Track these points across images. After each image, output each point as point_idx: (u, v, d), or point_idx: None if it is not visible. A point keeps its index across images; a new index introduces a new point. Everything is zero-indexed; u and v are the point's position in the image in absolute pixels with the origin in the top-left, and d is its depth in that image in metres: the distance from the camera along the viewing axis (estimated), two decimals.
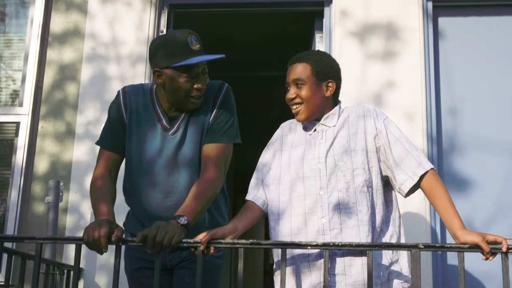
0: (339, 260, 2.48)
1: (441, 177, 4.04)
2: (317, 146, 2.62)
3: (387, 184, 2.66)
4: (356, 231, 2.50)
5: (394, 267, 2.56)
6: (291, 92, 2.68)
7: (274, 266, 2.68)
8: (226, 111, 2.76)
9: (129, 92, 2.83)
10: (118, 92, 2.86)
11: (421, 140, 4.04)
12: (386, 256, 2.55)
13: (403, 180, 2.56)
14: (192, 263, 2.62)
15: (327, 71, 2.69)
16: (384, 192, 2.63)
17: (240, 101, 2.81)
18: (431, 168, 2.57)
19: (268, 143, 2.83)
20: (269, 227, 2.67)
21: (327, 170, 2.57)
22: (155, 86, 2.79)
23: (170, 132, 2.73)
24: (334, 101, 2.74)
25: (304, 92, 2.65)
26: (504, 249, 2.31)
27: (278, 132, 2.82)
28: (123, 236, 2.45)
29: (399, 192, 2.61)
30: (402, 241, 2.61)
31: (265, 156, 2.78)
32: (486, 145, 4.18)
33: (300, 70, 2.67)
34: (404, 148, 2.59)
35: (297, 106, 2.67)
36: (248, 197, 2.74)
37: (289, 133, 2.77)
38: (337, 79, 2.73)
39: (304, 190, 2.57)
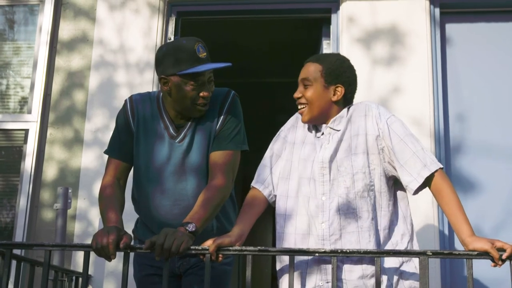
0: (338, 266, 2.45)
1: None
2: (322, 150, 2.59)
3: (397, 183, 2.60)
4: (356, 237, 2.48)
5: (406, 267, 2.51)
6: (298, 91, 2.65)
7: (278, 271, 2.67)
8: (233, 118, 2.76)
9: (136, 101, 2.84)
10: (125, 100, 2.87)
11: (428, 146, 4.03)
12: (396, 257, 2.51)
13: (408, 181, 2.51)
14: (201, 270, 2.63)
15: (338, 74, 2.62)
16: (394, 190, 2.59)
17: (248, 108, 2.81)
18: (439, 169, 2.50)
19: (279, 131, 2.79)
20: (275, 221, 2.66)
21: (331, 175, 2.54)
22: (161, 94, 2.80)
23: (177, 140, 2.73)
24: (344, 104, 2.66)
25: (309, 93, 2.61)
26: (504, 256, 2.29)
27: (290, 122, 2.78)
28: (132, 243, 2.46)
29: (406, 190, 2.57)
30: (414, 240, 2.57)
31: (275, 145, 2.75)
32: (494, 150, 4.17)
33: (310, 70, 2.64)
34: (409, 149, 2.52)
35: (302, 106, 2.64)
36: (255, 185, 2.71)
37: (302, 126, 2.72)
38: (348, 85, 2.64)
39: (309, 192, 2.56)
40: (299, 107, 2.66)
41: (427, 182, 2.51)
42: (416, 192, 2.53)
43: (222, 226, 2.77)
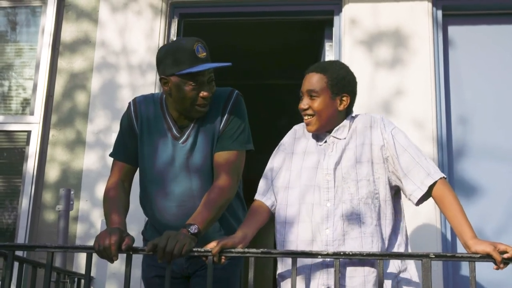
0: (340, 272, 2.43)
1: (451, 185, 4.05)
2: (327, 158, 2.61)
3: (397, 194, 2.65)
4: (359, 243, 2.49)
5: (403, 275, 2.55)
6: (304, 103, 2.64)
7: (279, 276, 2.66)
8: (236, 118, 2.74)
9: (140, 103, 2.84)
10: (129, 103, 2.87)
11: (431, 148, 4.03)
12: (394, 265, 2.53)
13: (412, 190, 2.54)
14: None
15: (343, 85, 2.64)
16: (394, 200, 2.62)
17: (250, 110, 2.80)
18: (441, 177, 2.54)
19: (279, 145, 2.80)
20: (275, 229, 2.66)
21: (335, 182, 2.56)
22: (165, 95, 2.80)
23: (180, 141, 2.72)
24: (346, 113, 2.70)
25: (317, 104, 2.61)
26: (505, 256, 2.30)
27: (290, 135, 2.80)
28: (141, 244, 2.45)
29: (409, 200, 2.60)
30: (409, 250, 2.61)
31: (275, 159, 2.77)
32: (496, 152, 4.17)
33: (315, 81, 2.63)
34: (412, 158, 2.56)
35: (309, 117, 2.64)
36: (258, 197, 2.73)
37: (302, 137, 2.75)
38: (352, 93, 2.69)
39: (313, 199, 2.57)
40: (306, 117, 2.66)
41: (430, 192, 2.55)
42: (419, 202, 2.57)
43: (231, 226, 2.74)
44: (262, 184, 2.76)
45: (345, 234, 2.50)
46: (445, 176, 2.57)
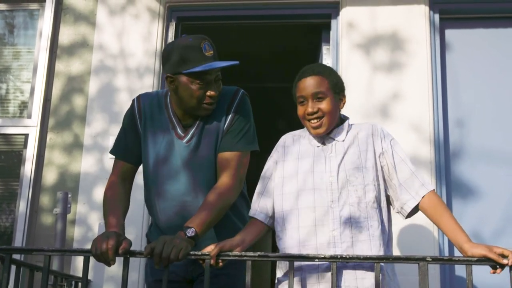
0: (350, 273, 2.47)
1: (448, 189, 4.08)
2: (328, 159, 2.62)
3: (387, 201, 2.68)
4: (368, 246, 2.51)
5: (391, 285, 2.57)
6: (312, 106, 2.62)
7: (278, 279, 2.67)
8: (241, 117, 2.72)
9: (144, 100, 2.80)
10: (133, 100, 2.84)
11: (428, 151, 4.04)
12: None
13: (406, 199, 2.59)
14: (214, 278, 2.52)
15: (341, 84, 2.72)
16: (387, 208, 2.66)
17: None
18: (433, 189, 2.61)
19: (270, 157, 2.80)
20: (276, 236, 2.67)
21: (339, 184, 2.57)
22: (169, 93, 2.77)
23: (185, 140, 2.69)
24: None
25: (325, 105, 2.62)
26: (509, 264, 2.30)
27: (280, 144, 2.80)
28: (139, 246, 2.44)
29: (400, 212, 2.63)
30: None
31: (267, 171, 2.76)
32: (493, 156, 4.17)
33: (318, 83, 2.63)
34: (409, 169, 2.62)
35: (317, 120, 2.62)
36: (251, 213, 2.72)
37: (292, 144, 2.75)
38: (344, 95, 2.76)
39: (314, 201, 2.56)
40: (314, 121, 2.63)
41: (417, 206, 2.60)
42: (410, 215, 2.62)
43: (235, 225, 2.72)
44: (254, 198, 2.75)
45: (353, 237, 2.52)
46: (434, 189, 2.65)
